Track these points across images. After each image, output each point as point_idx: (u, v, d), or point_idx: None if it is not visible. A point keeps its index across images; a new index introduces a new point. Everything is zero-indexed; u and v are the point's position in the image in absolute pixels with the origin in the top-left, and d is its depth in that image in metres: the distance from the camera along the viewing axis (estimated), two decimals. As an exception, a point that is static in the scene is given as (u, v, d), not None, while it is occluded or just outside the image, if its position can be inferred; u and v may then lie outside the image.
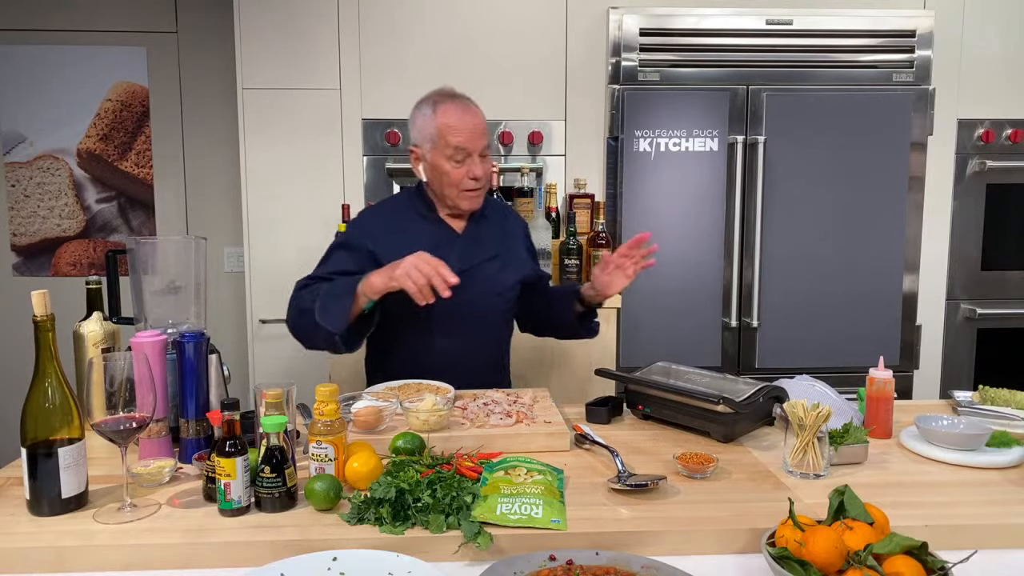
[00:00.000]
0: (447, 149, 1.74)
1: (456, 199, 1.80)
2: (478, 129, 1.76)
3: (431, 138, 1.77)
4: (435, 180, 1.81)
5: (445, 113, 1.75)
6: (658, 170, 2.78)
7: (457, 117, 1.74)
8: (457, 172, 1.76)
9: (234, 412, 1.18)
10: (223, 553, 1.07)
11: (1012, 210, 3.05)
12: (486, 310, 1.87)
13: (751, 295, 2.81)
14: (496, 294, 1.88)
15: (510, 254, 1.93)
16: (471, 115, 1.76)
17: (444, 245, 1.80)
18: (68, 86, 3.38)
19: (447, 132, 1.74)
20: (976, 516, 1.16)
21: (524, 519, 1.10)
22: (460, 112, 1.75)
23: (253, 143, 2.90)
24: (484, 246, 1.87)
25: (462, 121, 1.74)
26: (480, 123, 1.77)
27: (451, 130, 1.73)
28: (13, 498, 1.23)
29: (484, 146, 1.77)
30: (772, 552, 0.96)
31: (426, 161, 1.80)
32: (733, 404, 1.46)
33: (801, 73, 2.83)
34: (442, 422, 1.46)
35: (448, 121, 1.74)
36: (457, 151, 1.74)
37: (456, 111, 1.75)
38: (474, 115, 1.77)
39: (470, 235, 1.86)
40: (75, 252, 3.48)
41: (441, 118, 1.75)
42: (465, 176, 1.76)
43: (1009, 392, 1.71)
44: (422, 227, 1.84)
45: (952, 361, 3.09)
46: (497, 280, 1.88)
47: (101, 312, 1.65)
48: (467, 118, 1.75)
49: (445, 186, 1.79)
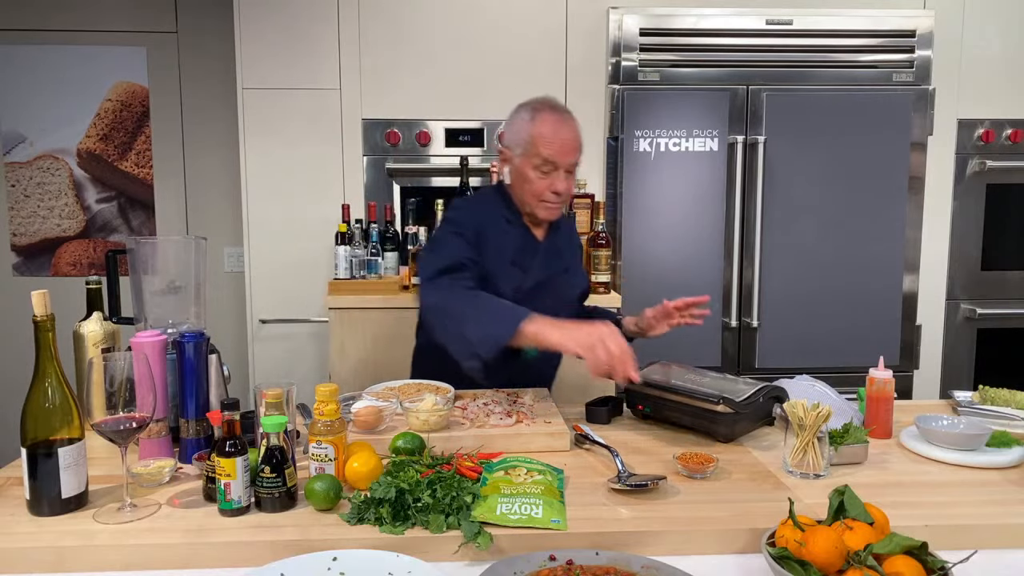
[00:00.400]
0: (536, 159, 1.72)
1: (534, 208, 1.78)
2: (570, 144, 1.72)
3: (523, 144, 1.74)
4: (518, 185, 1.79)
5: (542, 123, 1.72)
6: (658, 170, 2.78)
7: (553, 129, 1.71)
8: (541, 183, 1.74)
9: (234, 412, 1.18)
10: (223, 553, 1.07)
11: (1012, 210, 3.05)
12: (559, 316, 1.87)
13: (751, 295, 2.81)
14: (566, 304, 1.90)
15: (575, 266, 1.96)
16: (567, 129, 1.73)
17: (528, 253, 1.81)
18: (68, 86, 3.38)
19: (540, 142, 1.71)
20: (976, 516, 1.16)
21: (524, 519, 1.10)
22: (557, 124, 1.72)
23: (253, 143, 2.90)
24: (559, 257, 1.88)
25: (557, 134, 1.71)
26: (574, 139, 1.73)
27: (544, 141, 1.71)
28: (13, 498, 1.23)
29: (573, 163, 1.74)
30: (772, 552, 0.96)
31: (513, 165, 1.79)
32: (733, 404, 1.46)
33: (801, 73, 2.83)
34: (442, 422, 1.46)
35: (543, 131, 1.71)
36: (545, 163, 1.71)
37: (553, 123, 1.72)
38: (570, 129, 1.73)
39: (549, 244, 1.86)
40: (75, 252, 3.48)
41: (537, 127, 1.72)
42: (548, 189, 1.74)
43: (1009, 392, 1.71)
44: (511, 232, 1.82)
45: (952, 361, 3.09)
46: (568, 291, 1.91)
47: (101, 312, 1.65)
48: (563, 132, 1.72)
49: (526, 194, 1.77)
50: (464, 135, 2.95)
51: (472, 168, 2.85)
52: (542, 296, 1.71)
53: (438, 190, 2.96)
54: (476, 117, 2.95)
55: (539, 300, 1.67)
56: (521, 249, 1.79)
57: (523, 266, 1.77)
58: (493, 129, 2.95)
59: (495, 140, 2.95)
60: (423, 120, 2.93)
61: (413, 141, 2.93)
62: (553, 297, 1.82)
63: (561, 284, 1.88)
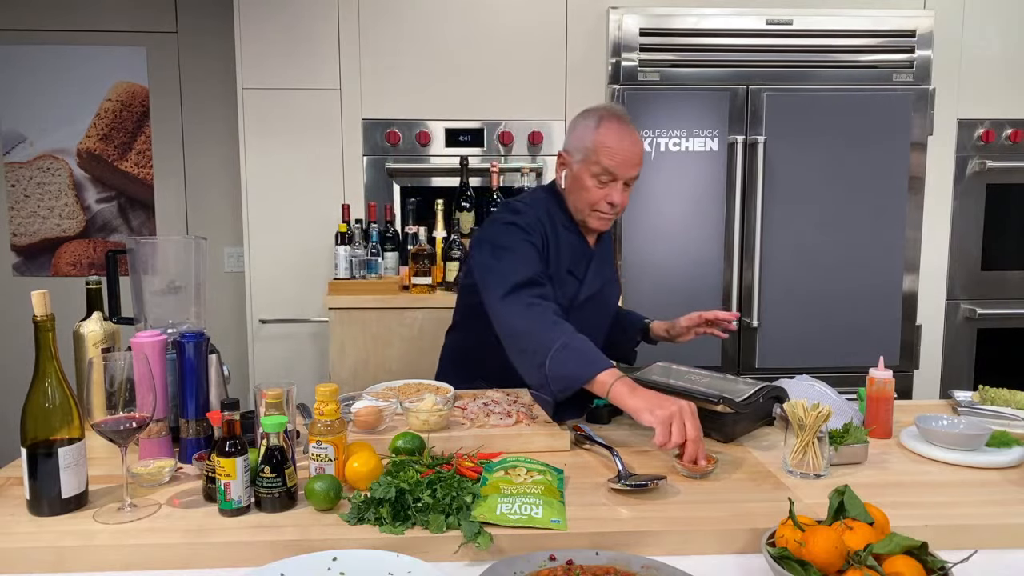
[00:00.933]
0: (595, 167, 1.69)
1: (586, 217, 1.76)
2: (634, 159, 1.70)
3: (584, 151, 1.71)
4: (572, 192, 1.76)
5: (607, 132, 1.68)
6: (658, 170, 2.78)
7: (616, 140, 1.68)
8: (597, 192, 1.71)
9: (234, 412, 1.18)
10: (223, 553, 1.07)
11: (1012, 210, 3.05)
12: (602, 328, 1.88)
13: (751, 295, 2.81)
14: (610, 313, 1.91)
15: (615, 274, 1.96)
16: (631, 142, 1.69)
17: (582, 260, 1.79)
18: (68, 86, 3.38)
19: (602, 151, 1.68)
20: (976, 516, 1.16)
21: (524, 519, 1.10)
22: (620, 136, 1.68)
23: (253, 143, 2.90)
24: (607, 265, 1.88)
25: (620, 145, 1.68)
26: (637, 152, 1.70)
27: (607, 151, 1.67)
28: (13, 498, 1.23)
29: (633, 176, 1.72)
30: (772, 552, 0.96)
31: (571, 171, 1.75)
32: (733, 404, 1.46)
33: (801, 73, 2.83)
34: (442, 422, 1.46)
35: (606, 141, 1.68)
36: (605, 172, 1.68)
37: (617, 133, 1.68)
38: (634, 143, 1.70)
39: (599, 253, 1.85)
40: (75, 252, 3.48)
41: (601, 136, 1.68)
42: (603, 199, 1.71)
43: (1009, 392, 1.71)
44: (566, 237, 1.78)
45: (952, 361, 3.09)
46: (612, 299, 1.91)
47: (101, 312, 1.65)
48: (626, 144, 1.68)
49: (580, 201, 1.75)
50: (464, 135, 2.95)
51: (472, 168, 2.85)
52: (593, 307, 1.69)
53: (438, 190, 2.96)
54: (476, 117, 2.95)
55: (590, 311, 1.67)
56: (577, 257, 1.76)
57: (578, 275, 1.74)
58: (493, 129, 2.96)
59: (495, 140, 2.95)
60: (423, 120, 2.93)
61: (413, 141, 2.93)
62: (603, 309, 1.82)
63: (609, 295, 1.87)
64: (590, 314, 1.64)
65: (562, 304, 1.66)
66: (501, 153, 2.97)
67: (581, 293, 1.76)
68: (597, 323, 1.78)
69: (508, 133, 2.93)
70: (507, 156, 2.97)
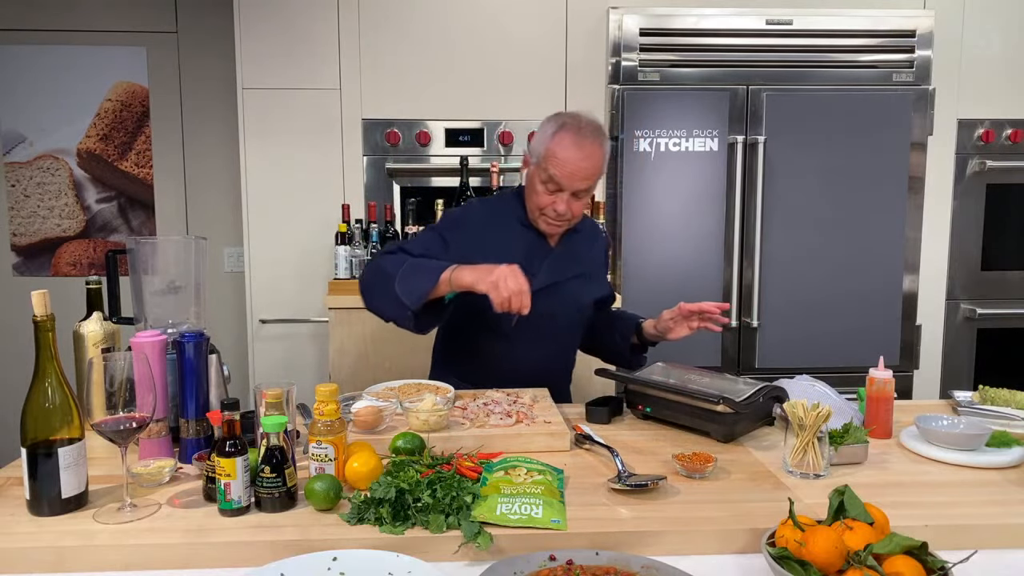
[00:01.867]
0: (544, 174, 1.71)
1: (536, 220, 1.80)
2: (582, 172, 1.68)
3: (538, 155, 1.73)
4: (527, 192, 1.80)
5: (560, 142, 1.69)
6: (658, 170, 2.78)
7: (567, 151, 1.68)
8: (545, 198, 1.73)
9: (234, 412, 1.18)
10: (223, 553, 1.07)
11: (1012, 210, 3.05)
12: (567, 324, 1.89)
13: (751, 295, 2.81)
14: (577, 310, 1.90)
15: (594, 273, 1.95)
16: (583, 156, 1.68)
17: (537, 256, 1.81)
18: (68, 86, 3.38)
19: (551, 160, 1.69)
20: (976, 516, 1.16)
21: (524, 519, 1.10)
22: (573, 147, 1.68)
23: (253, 143, 2.90)
24: (573, 262, 1.88)
25: (570, 157, 1.68)
26: (588, 167, 1.69)
27: (555, 161, 1.68)
28: (13, 498, 1.23)
29: (582, 189, 1.71)
30: (772, 552, 0.96)
31: (528, 172, 1.80)
32: (733, 404, 1.46)
33: (801, 73, 2.83)
34: (442, 422, 1.46)
35: (557, 151, 1.68)
36: (551, 180, 1.70)
37: (571, 144, 1.68)
38: (585, 156, 1.68)
39: (562, 250, 1.86)
40: (75, 252, 3.48)
41: (554, 144, 1.69)
42: (549, 206, 1.73)
43: (1009, 392, 1.71)
44: (519, 234, 1.82)
45: (952, 361, 3.09)
46: (579, 297, 1.90)
47: (101, 312, 1.65)
48: (576, 156, 1.67)
49: (531, 203, 1.79)
50: (464, 135, 2.95)
51: (472, 168, 2.85)
52: (548, 300, 1.71)
53: (438, 190, 2.96)
54: (476, 117, 2.95)
55: (544, 304, 1.67)
56: (529, 253, 1.79)
57: (530, 269, 1.75)
58: (493, 129, 2.96)
59: (495, 140, 2.95)
60: (423, 120, 2.93)
61: (413, 141, 2.93)
62: (561, 302, 1.82)
63: (573, 290, 1.87)
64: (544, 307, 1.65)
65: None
66: (501, 153, 2.97)
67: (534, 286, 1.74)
68: (554, 314, 1.79)
69: (508, 133, 2.93)
70: (507, 156, 2.97)
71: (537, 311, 1.58)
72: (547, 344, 1.87)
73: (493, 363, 1.85)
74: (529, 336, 1.81)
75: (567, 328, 1.91)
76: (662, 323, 1.81)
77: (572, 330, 1.95)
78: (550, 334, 1.85)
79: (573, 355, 2.03)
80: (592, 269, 1.94)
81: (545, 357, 1.88)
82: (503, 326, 1.74)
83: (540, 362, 1.87)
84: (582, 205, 1.77)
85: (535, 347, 1.84)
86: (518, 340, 1.81)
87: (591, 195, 1.82)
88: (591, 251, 1.96)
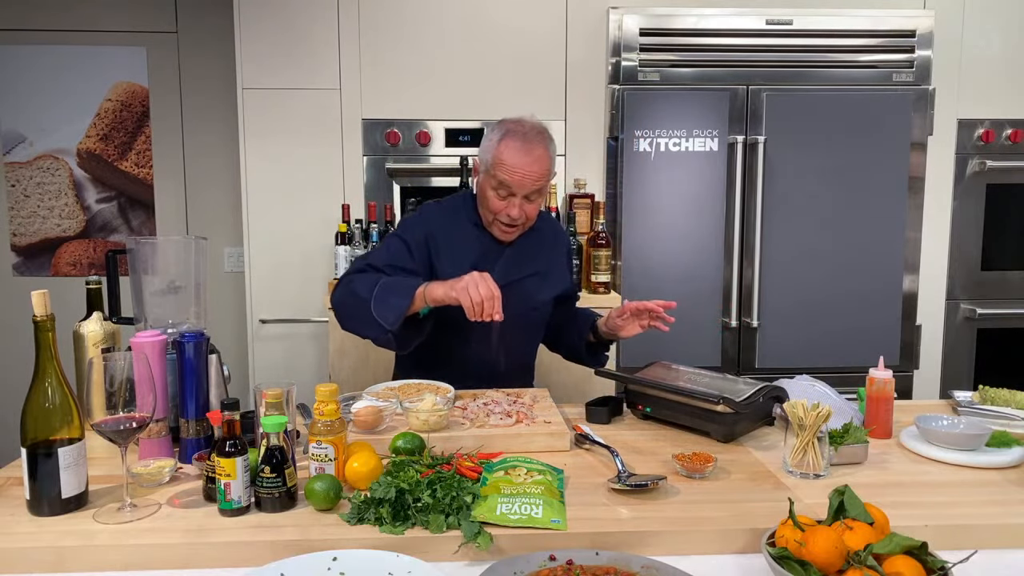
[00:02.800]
0: (493, 180, 1.74)
1: (489, 226, 1.82)
2: (531, 176, 1.71)
3: (486, 163, 1.76)
4: (479, 199, 1.83)
5: (506, 148, 1.71)
6: (658, 170, 2.78)
7: (514, 157, 1.70)
8: (497, 204, 1.76)
9: (234, 412, 1.18)
10: (223, 553, 1.07)
11: (1012, 210, 3.05)
12: (522, 323, 1.88)
13: (751, 295, 2.81)
14: (532, 308, 1.90)
15: (551, 271, 1.94)
16: (530, 160, 1.70)
17: (490, 257, 1.83)
18: (68, 86, 3.38)
19: (499, 166, 1.71)
20: (976, 516, 1.16)
21: (524, 519, 1.10)
22: (520, 153, 1.70)
23: (253, 143, 2.90)
24: (528, 261, 1.88)
25: (517, 163, 1.70)
26: (536, 171, 1.71)
27: (503, 167, 1.71)
28: (13, 498, 1.23)
29: (534, 191, 1.74)
30: (772, 552, 0.96)
31: (478, 179, 1.82)
32: (733, 404, 1.46)
33: (801, 73, 2.83)
34: (442, 422, 1.46)
35: (504, 157, 1.71)
36: (502, 186, 1.73)
37: (517, 150, 1.70)
38: (533, 160, 1.70)
39: (516, 250, 1.87)
40: (75, 252, 3.48)
41: (500, 151, 1.71)
42: (503, 211, 1.76)
43: (1009, 392, 1.71)
44: (473, 234, 1.85)
45: (952, 361, 3.09)
46: (534, 296, 1.90)
47: (101, 312, 1.65)
48: (524, 161, 1.70)
49: (483, 209, 1.81)
50: (464, 135, 2.94)
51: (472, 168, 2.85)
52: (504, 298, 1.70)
53: (438, 190, 2.96)
54: (476, 117, 2.94)
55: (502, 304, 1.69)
56: (483, 254, 1.82)
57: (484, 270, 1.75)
58: (493, 129, 2.95)
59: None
60: (423, 120, 2.93)
61: (413, 141, 2.93)
62: (518, 301, 1.81)
63: (529, 287, 1.88)
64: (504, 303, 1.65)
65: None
66: (501, 153, 2.97)
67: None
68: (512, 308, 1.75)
69: (508, 133, 2.93)
70: (507, 156, 2.97)
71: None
72: (503, 343, 1.87)
73: (449, 363, 1.86)
74: (483, 335, 1.82)
75: (523, 327, 1.90)
76: (611, 322, 1.82)
77: (529, 329, 1.94)
78: (505, 333, 1.84)
79: (531, 353, 2.02)
80: (549, 268, 1.93)
81: (500, 356, 1.87)
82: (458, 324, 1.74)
83: (496, 361, 1.87)
84: (535, 208, 1.79)
85: (490, 346, 1.85)
86: (473, 339, 1.83)
87: (544, 197, 1.82)
88: (548, 249, 1.95)
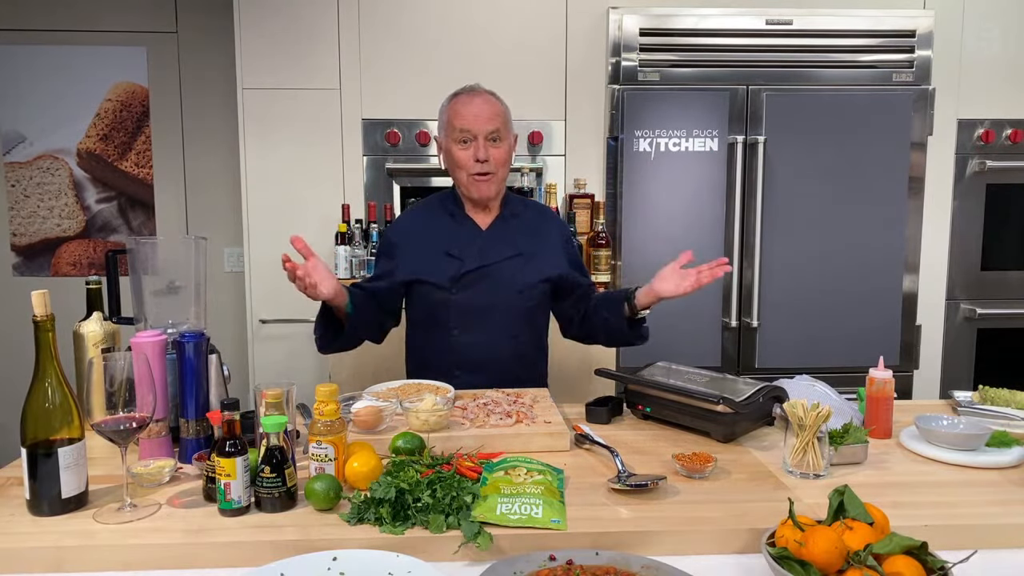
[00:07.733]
0: (454, 132, 1.81)
1: (467, 185, 1.85)
2: (484, 114, 1.80)
3: (444, 125, 1.85)
4: (450, 167, 1.88)
5: (456, 101, 1.83)
6: (658, 170, 2.78)
7: (463, 104, 1.81)
8: (463, 154, 1.81)
9: (234, 412, 1.18)
10: (223, 553, 1.07)
11: (1012, 210, 3.05)
12: (506, 306, 1.88)
13: (751, 295, 2.81)
14: (516, 292, 1.89)
15: (537, 254, 1.92)
16: (480, 100, 1.81)
17: (466, 241, 1.87)
18: (68, 86, 3.38)
19: (454, 117, 1.81)
20: (976, 516, 1.16)
21: (524, 519, 1.10)
22: (469, 97, 1.82)
23: (253, 143, 2.90)
24: (508, 244, 1.89)
25: (468, 106, 1.80)
26: (487, 109, 1.81)
27: (457, 115, 1.80)
28: (13, 498, 1.23)
29: (493, 130, 1.81)
30: (772, 552, 0.96)
31: (443, 150, 1.88)
32: (733, 404, 1.46)
33: (801, 73, 2.83)
34: (442, 422, 1.46)
35: (455, 108, 1.82)
36: (462, 132, 1.80)
37: (464, 99, 1.82)
38: (483, 101, 1.81)
39: (494, 232, 1.90)
40: (75, 252, 3.48)
41: (451, 106, 1.83)
42: (471, 158, 1.80)
43: (1009, 392, 1.71)
44: (447, 224, 1.90)
45: (952, 361, 3.09)
46: (517, 278, 1.89)
47: (101, 312, 1.65)
48: (475, 102, 1.81)
49: (457, 171, 1.85)
50: (464, 135, 2.94)
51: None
52: (480, 282, 1.82)
53: (438, 190, 2.94)
54: (476, 117, 2.94)
55: (477, 285, 1.82)
56: (459, 239, 1.87)
57: (460, 255, 1.85)
58: (493, 129, 2.95)
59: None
60: (423, 120, 2.93)
61: (413, 141, 2.93)
62: (498, 283, 1.85)
63: (509, 271, 1.87)
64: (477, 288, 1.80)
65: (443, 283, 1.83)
66: (501, 153, 2.97)
67: (464, 268, 1.84)
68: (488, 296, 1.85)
69: (508, 133, 2.93)
70: (507, 156, 2.97)
71: (468, 294, 1.72)
72: (488, 329, 1.86)
73: (442, 354, 1.88)
74: (465, 321, 1.86)
75: (508, 311, 1.88)
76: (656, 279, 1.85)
77: (516, 313, 1.90)
78: (489, 318, 1.85)
79: (532, 343, 1.97)
80: (535, 251, 1.91)
81: (489, 342, 1.86)
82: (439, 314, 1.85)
83: (485, 348, 1.86)
84: (502, 152, 1.83)
85: (475, 332, 1.86)
86: (455, 327, 1.86)
87: (508, 144, 1.85)
88: (534, 234, 1.94)
